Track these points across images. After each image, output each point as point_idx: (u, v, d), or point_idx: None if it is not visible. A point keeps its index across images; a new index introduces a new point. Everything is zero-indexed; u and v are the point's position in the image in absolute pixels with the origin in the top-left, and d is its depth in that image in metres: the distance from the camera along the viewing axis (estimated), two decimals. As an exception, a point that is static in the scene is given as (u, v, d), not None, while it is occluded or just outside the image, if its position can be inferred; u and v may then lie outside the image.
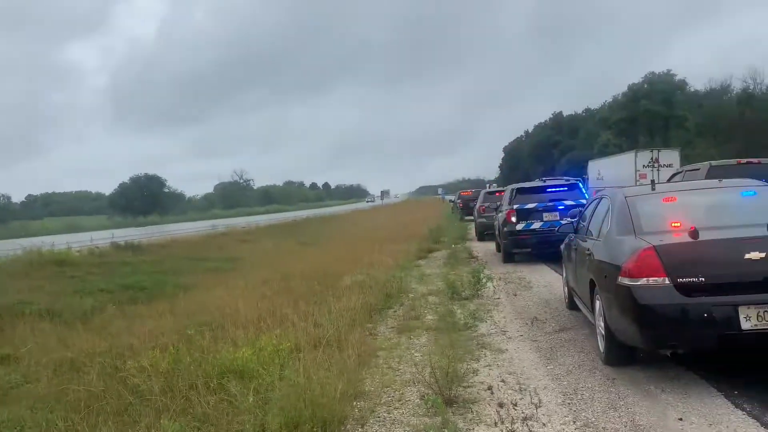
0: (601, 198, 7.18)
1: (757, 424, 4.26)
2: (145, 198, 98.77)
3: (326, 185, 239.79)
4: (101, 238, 28.07)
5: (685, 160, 32.58)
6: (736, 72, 78.03)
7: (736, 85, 53.67)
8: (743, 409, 4.52)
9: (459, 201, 39.32)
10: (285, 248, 25.42)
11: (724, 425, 4.28)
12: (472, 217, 29.00)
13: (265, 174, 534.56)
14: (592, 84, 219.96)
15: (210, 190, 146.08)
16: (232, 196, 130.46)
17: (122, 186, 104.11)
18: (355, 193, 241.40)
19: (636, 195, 6.27)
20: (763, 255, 4.76)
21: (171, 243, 25.41)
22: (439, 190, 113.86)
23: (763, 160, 12.53)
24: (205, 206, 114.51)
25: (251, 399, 4.65)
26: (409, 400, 5.26)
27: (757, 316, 4.68)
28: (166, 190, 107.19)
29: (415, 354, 6.68)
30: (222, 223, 41.45)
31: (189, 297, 12.53)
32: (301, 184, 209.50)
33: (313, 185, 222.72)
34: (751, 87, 49.80)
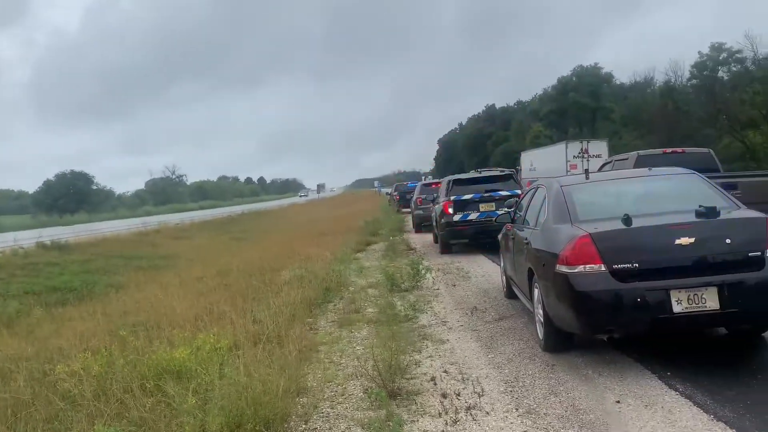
0: (537, 188, 7.30)
1: (690, 403, 4.41)
2: (71, 196, 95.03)
3: (261, 180, 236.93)
4: (25, 238, 26.74)
5: (612, 150, 33.72)
6: (658, 65, 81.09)
7: (659, 78, 55.72)
8: (676, 390, 4.67)
9: (396, 193, 39.50)
10: (220, 244, 24.98)
11: (659, 405, 4.42)
12: (408, 209, 29.15)
13: (199, 169, 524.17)
14: (524, 77, 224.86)
15: (141, 186, 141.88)
16: (164, 192, 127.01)
17: (47, 183, 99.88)
18: (290, 187, 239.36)
19: (571, 184, 6.39)
20: (692, 240, 4.93)
21: (101, 242, 24.51)
22: (376, 183, 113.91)
23: (687, 150, 13.09)
24: (136, 203, 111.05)
25: (192, 400, 4.49)
26: (352, 394, 5.21)
27: (688, 299, 4.85)
28: (95, 187, 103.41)
29: (357, 347, 6.64)
30: (154, 220, 40.30)
31: (121, 297, 12.14)
32: (236, 179, 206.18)
33: (248, 180, 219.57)
34: (673, 80, 51.76)
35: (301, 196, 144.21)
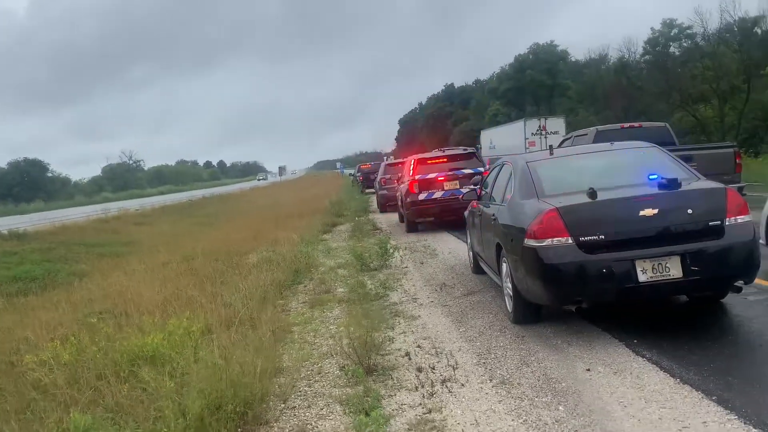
0: (503, 165, 7.40)
1: (657, 368, 4.58)
2: (26, 184, 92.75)
3: (221, 163, 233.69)
4: (-21, 228, 25.94)
5: (569, 126, 34.27)
6: (612, 42, 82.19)
7: (613, 55, 56.46)
8: (643, 356, 4.85)
9: (359, 174, 39.49)
10: (183, 229, 24.66)
11: (628, 372, 4.58)
12: (372, 190, 29.20)
13: (157, 154, 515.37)
14: (482, 55, 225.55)
15: (98, 173, 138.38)
16: (122, 178, 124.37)
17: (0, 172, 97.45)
18: (251, 170, 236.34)
19: (537, 160, 6.50)
20: (655, 211, 5.09)
21: (60, 230, 23.92)
22: (338, 164, 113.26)
23: (645, 124, 13.37)
24: (93, 190, 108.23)
25: (171, 384, 4.50)
26: (328, 372, 5.28)
27: (653, 268, 5.02)
28: (50, 175, 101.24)
29: (330, 327, 6.70)
30: (114, 207, 39.52)
31: (85, 284, 11.93)
32: (195, 162, 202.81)
33: (208, 164, 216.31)
34: (626, 56, 52.50)
35: (259, 179, 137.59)
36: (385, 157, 45.47)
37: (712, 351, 4.80)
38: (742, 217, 5.12)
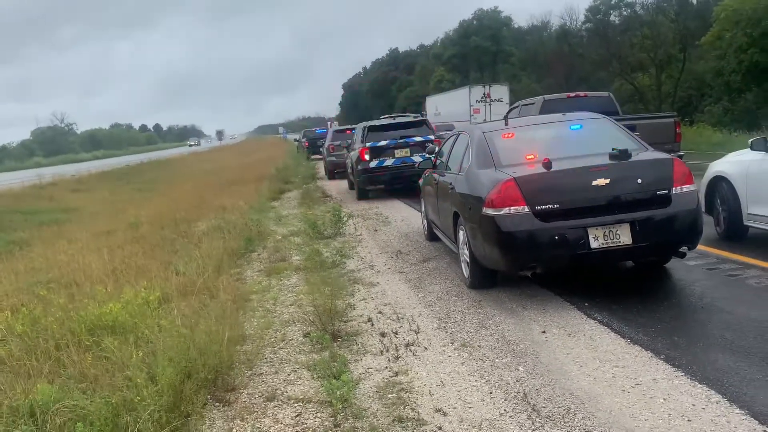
0: (459, 134, 7.54)
1: (608, 330, 4.86)
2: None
3: (157, 127, 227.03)
4: None
5: (512, 94, 34.77)
6: (555, 9, 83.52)
7: (555, 22, 57.35)
8: (595, 319, 5.12)
9: (305, 140, 39.13)
10: (124, 196, 24.08)
11: (582, 333, 4.84)
12: (319, 156, 29.00)
13: (90, 117, 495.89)
14: (426, 20, 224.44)
15: (27, 136, 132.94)
16: (54, 142, 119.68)
17: None
18: (189, 134, 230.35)
19: (493, 131, 6.65)
20: (607, 181, 5.33)
21: (-8, 197, 23.05)
22: (281, 129, 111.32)
23: (590, 94, 13.70)
24: (23, 154, 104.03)
25: (140, 353, 4.50)
26: (292, 339, 5.36)
27: (604, 235, 5.27)
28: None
29: (289, 295, 6.77)
30: (48, 172, 38.04)
31: (27, 254, 11.58)
32: (130, 126, 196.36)
33: (143, 127, 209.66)
34: (568, 23, 53.41)
35: (191, 145, 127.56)
36: (329, 123, 45.12)
37: (658, 313, 5.10)
38: (687, 186, 5.41)
